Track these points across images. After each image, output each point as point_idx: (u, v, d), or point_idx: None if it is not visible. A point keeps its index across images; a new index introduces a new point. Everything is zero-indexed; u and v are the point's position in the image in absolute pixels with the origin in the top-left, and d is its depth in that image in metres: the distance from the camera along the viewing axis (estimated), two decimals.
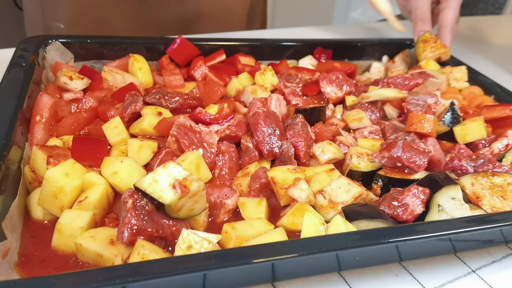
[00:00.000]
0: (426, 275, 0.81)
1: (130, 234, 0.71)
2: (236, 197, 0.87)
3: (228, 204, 0.85)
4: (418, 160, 0.93)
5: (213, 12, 1.70)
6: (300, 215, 0.83)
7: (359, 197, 0.87)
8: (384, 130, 1.10)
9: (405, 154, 0.93)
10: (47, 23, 1.57)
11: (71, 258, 0.74)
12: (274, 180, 0.88)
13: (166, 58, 1.30)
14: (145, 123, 0.97)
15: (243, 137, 0.99)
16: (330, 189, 0.88)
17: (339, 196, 0.87)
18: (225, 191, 0.86)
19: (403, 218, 0.83)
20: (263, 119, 0.97)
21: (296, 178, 0.88)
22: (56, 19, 1.56)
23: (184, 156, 0.87)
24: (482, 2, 2.79)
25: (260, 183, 0.90)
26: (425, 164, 0.93)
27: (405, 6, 1.63)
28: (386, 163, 0.96)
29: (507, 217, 0.79)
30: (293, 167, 0.91)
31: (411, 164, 0.93)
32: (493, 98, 1.28)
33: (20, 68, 1.04)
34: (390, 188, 0.91)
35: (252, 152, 0.96)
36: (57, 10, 1.55)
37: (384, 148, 0.97)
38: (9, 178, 0.79)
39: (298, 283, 0.76)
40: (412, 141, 0.98)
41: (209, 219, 0.85)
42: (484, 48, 1.92)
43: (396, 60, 1.50)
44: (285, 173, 0.89)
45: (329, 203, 0.87)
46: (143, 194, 0.74)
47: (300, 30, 1.86)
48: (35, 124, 0.95)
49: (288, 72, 1.31)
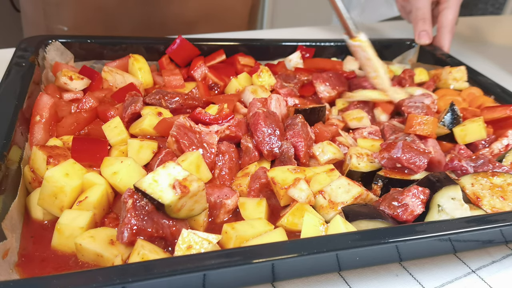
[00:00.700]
0: (426, 275, 0.81)
1: (130, 234, 0.71)
2: (236, 197, 0.87)
3: (228, 204, 0.85)
4: (418, 161, 0.93)
5: (215, 12, 1.71)
6: (300, 216, 0.83)
7: (359, 197, 0.87)
8: (384, 131, 1.10)
9: (404, 155, 0.93)
10: (49, 26, 1.56)
11: (71, 258, 0.74)
12: (274, 180, 0.88)
13: (166, 58, 1.30)
14: (145, 123, 0.97)
15: (243, 137, 0.99)
16: (330, 189, 0.88)
17: (339, 196, 0.87)
18: (225, 191, 0.86)
19: (403, 218, 0.83)
20: (263, 119, 0.97)
21: (296, 178, 0.88)
22: (60, 21, 1.56)
23: (184, 156, 0.87)
24: (482, 2, 2.79)
25: (260, 183, 0.90)
26: (425, 165, 0.93)
27: (404, 6, 1.63)
28: (385, 164, 0.96)
29: (507, 217, 0.79)
30: (293, 167, 0.91)
31: (411, 165, 0.93)
32: (493, 98, 1.28)
33: (20, 68, 1.04)
34: (390, 189, 0.91)
35: (252, 152, 0.96)
36: (61, 13, 1.54)
37: (384, 149, 0.97)
38: (9, 178, 0.79)
39: (298, 283, 0.76)
40: (412, 142, 0.97)
41: (209, 219, 0.85)
42: (484, 48, 1.92)
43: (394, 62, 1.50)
44: (285, 173, 0.89)
45: (329, 203, 0.86)
46: (143, 194, 0.74)
47: (300, 30, 1.86)
48: (35, 124, 0.95)
49: (286, 73, 1.31)
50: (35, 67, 1.08)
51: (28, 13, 1.63)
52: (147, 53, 1.29)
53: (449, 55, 1.48)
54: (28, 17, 1.64)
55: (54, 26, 1.56)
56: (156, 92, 1.09)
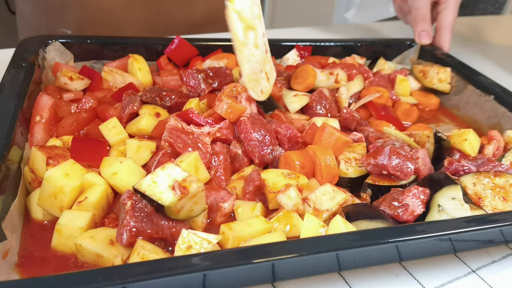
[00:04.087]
0: (426, 275, 0.81)
1: (129, 236, 0.71)
2: (232, 200, 0.85)
3: (225, 208, 0.84)
4: (405, 167, 0.90)
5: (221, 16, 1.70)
6: (286, 223, 0.81)
7: (344, 203, 0.85)
8: (369, 138, 1.05)
9: (391, 162, 0.90)
10: (50, 29, 1.53)
11: (70, 259, 0.74)
12: (265, 182, 0.86)
13: (164, 58, 1.29)
14: (142, 123, 0.97)
15: (232, 143, 0.97)
16: (315, 196, 0.87)
17: (324, 203, 0.85)
18: (221, 194, 0.85)
19: (404, 218, 0.83)
20: (251, 127, 0.94)
21: (287, 184, 0.85)
22: (62, 25, 1.53)
23: (182, 157, 0.86)
24: (482, 2, 2.78)
25: (254, 185, 0.88)
26: (412, 172, 0.91)
27: (402, 7, 1.63)
28: (372, 170, 0.93)
29: (507, 217, 0.79)
30: (288, 172, 0.89)
31: (397, 173, 0.90)
32: (492, 98, 1.27)
33: (20, 69, 1.04)
34: (379, 196, 0.89)
35: (241, 159, 0.95)
36: (64, 16, 1.52)
37: (369, 154, 0.94)
38: (9, 179, 0.79)
39: (298, 283, 0.76)
40: (400, 147, 0.94)
41: (207, 221, 0.85)
42: (484, 48, 1.92)
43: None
44: (278, 176, 0.87)
45: (313, 210, 0.85)
46: (142, 196, 0.74)
47: (300, 30, 1.86)
48: (35, 125, 0.95)
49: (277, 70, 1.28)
50: (35, 67, 1.08)
51: (26, 16, 1.60)
52: (147, 53, 1.29)
53: (449, 55, 1.48)
54: (26, 20, 1.60)
55: (56, 30, 1.53)
56: (152, 90, 1.08)
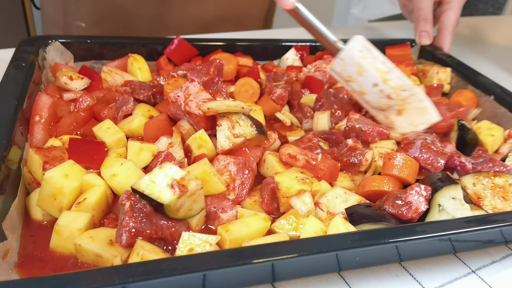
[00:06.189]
0: (426, 275, 0.81)
1: (129, 236, 0.71)
2: (234, 212, 0.83)
3: (223, 219, 0.83)
4: (436, 162, 0.93)
5: (231, 16, 1.74)
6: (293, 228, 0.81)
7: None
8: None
9: (422, 155, 0.92)
10: (67, 22, 1.60)
11: (69, 260, 0.74)
12: (278, 186, 0.84)
13: (164, 58, 1.29)
14: (134, 124, 0.96)
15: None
16: (327, 200, 0.86)
17: (337, 206, 0.85)
18: (223, 204, 0.84)
19: (408, 216, 0.82)
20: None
21: (301, 190, 0.83)
22: (78, 18, 1.59)
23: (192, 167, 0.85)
24: (482, 2, 2.78)
25: (270, 188, 0.86)
26: (442, 166, 0.93)
27: (406, 5, 1.63)
28: None
29: (507, 217, 0.79)
30: (302, 177, 0.86)
31: (428, 166, 0.92)
32: (492, 98, 1.27)
33: (20, 68, 1.04)
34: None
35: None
36: (79, 10, 1.58)
37: (401, 148, 0.96)
38: (9, 179, 0.79)
39: (298, 283, 0.76)
40: (432, 142, 0.97)
41: (202, 227, 0.83)
42: (484, 49, 1.92)
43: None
44: (291, 181, 0.84)
45: (328, 214, 0.85)
46: (141, 196, 0.74)
47: (300, 30, 1.86)
48: (34, 125, 0.95)
49: (275, 72, 1.27)
50: (35, 67, 1.08)
51: (48, 10, 1.68)
52: (147, 53, 1.29)
53: (450, 55, 1.48)
54: (48, 14, 1.69)
55: (73, 23, 1.60)
56: (143, 86, 1.07)
